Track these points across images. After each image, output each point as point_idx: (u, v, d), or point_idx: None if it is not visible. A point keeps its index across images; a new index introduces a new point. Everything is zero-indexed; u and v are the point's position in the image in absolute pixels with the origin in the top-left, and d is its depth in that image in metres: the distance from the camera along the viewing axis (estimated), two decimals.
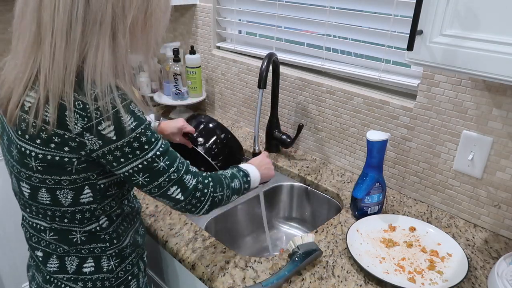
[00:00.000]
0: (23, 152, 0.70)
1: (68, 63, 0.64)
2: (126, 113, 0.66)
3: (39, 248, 0.81)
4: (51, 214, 0.76)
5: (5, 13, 1.86)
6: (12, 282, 1.71)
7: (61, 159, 0.68)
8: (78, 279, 0.80)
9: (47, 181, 0.71)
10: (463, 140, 1.05)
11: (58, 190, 0.72)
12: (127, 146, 0.67)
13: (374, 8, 1.21)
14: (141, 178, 0.71)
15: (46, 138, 0.67)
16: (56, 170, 0.70)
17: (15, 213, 1.62)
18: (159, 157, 0.71)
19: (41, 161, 0.69)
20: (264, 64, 1.21)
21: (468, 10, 0.69)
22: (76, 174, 0.70)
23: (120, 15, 0.66)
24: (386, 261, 0.93)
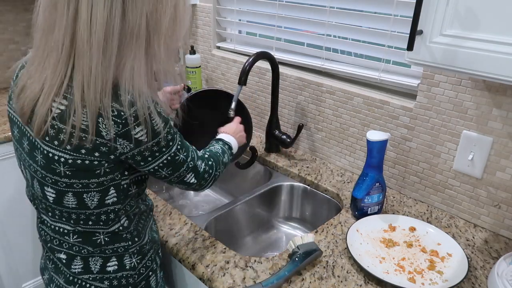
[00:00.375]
0: (50, 157, 0.70)
1: (105, 76, 0.66)
2: (157, 116, 0.70)
3: (61, 250, 0.81)
4: (76, 218, 0.76)
5: (5, 13, 1.86)
6: (12, 282, 1.71)
7: (91, 163, 0.69)
8: (103, 278, 0.82)
9: (74, 185, 0.72)
10: (463, 140, 1.05)
11: (85, 193, 0.73)
12: (155, 146, 0.72)
13: (374, 8, 1.21)
14: (165, 171, 0.77)
15: (77, 144, 0.67)
16: (85, 174, 0.71)
17: (16, 214, 1.62)
18: (179, 150, 0.78)
19: (70, 166, 0.70)
20: (248, 61, 1.22)
21: (468, 10, 0.69)
22: (104, 176, 0.72)
23: (154, 26, 0.68)
24: (386, 261, 0.93)
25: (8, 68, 1.96)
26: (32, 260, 1.73)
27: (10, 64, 2.20)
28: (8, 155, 1.53)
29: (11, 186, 1.57)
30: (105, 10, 0.63)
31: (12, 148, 1.52)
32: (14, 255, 1.67)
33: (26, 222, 1.65)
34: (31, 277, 1.76)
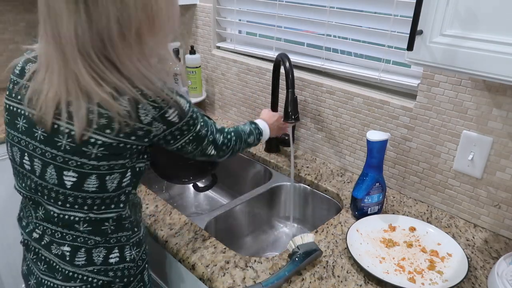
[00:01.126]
0: (84, 140, 0.72)
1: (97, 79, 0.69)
2: (180, 97, 0.76)
3: (65, 243, 0.80)
4: (91, 203, 0.77)
5: (5, 13, 1.86)
6: (12, 282, 1.71)
7: (124, 146, 0.73)
8: (107, 269, 0.82)
9: (101, 167, 0.74)
10: (463, 140, 1.05)
11: (108, 175, 0.75)
12: (185, 125, 0.79)
13: (374, 8, 1.21)
14: (190, 147, 0.84)
15: (118, 128, 0.71)
16: (115, 156, 0.74)
17: (15, 213, 1.62)
18: (203, 127, 0.84)
19: (105, 148, 0.72)
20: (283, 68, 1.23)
21: (468, 10, 0.69)
22: (129, 158, 0.76)
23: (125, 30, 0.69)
24: (386, 261, 0.93)
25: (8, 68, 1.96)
26: None
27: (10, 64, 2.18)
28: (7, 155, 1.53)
29: (11, 186, 1.57)
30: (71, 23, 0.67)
31: None
32: (14, 255, 1.67)
33: None
34: None
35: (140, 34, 0.71)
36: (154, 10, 0.72)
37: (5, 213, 1.59)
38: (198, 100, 1.73)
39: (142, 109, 0.71)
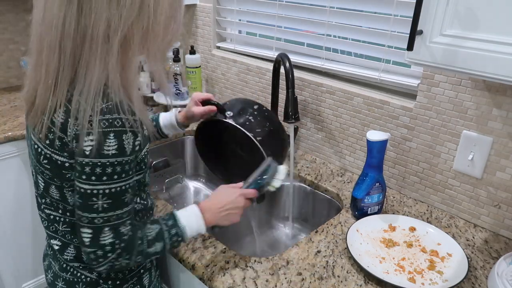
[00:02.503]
0: (36, 148, 0.74)
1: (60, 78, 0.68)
2: (114, 138, 0.66)
3: (56, 237, 0.83)
4: (63, 208, 0.78)
5: (5, 13, 1.86)
6: (12, 282, 1.71)
7: (62, 164, 0.71)
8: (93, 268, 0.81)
9: (54, 179, 0.74)
10: (463, 140, 1.05)
11: (65, 189, 0.75)
12: (89, 166, 0.67)
13: (374, 8, 1.21)
14: (76, 197, 0.70)
15: (52, 139, 0.70)
16: (59, 173, 0.72)
17: (16, 214, 1.62)
18: (103, 196, 0.69)
19: (48, 161, 0.72)
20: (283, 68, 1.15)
21: (468, 10, 0.69)
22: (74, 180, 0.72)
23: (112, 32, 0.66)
24: (386, 261, 0.93)
25: (8, 68, 1.97)
26: (32, 260, 1.73)
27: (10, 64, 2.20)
28: (8, 155, 1.53)
29: (11, 186, 1.57)
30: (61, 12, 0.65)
31: (12, 148, 1.52)
32: (14, 255, 1.67)
33: (26, 222, 1.65)
34: (31, 277, 1.76)
35: (127, 42, 0.69)
36: (151, 20, 0.69)
37: (5, 213, 1.59)
38: None
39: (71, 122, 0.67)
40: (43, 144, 0.72)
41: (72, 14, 0.65)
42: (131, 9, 0.66)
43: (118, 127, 0.67)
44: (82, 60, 0.67)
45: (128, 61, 0.71)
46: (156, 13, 0.69)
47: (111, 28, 0.66)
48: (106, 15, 0.65)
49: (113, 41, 0.66)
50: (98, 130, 0.65)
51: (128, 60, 0.71)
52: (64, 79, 0.68)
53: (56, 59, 0.67)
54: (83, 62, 0.67)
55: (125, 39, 0.68)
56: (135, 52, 0.71)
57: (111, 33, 0.66)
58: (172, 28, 0.74)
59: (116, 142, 0.67)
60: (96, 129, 0.65)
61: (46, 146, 0.71)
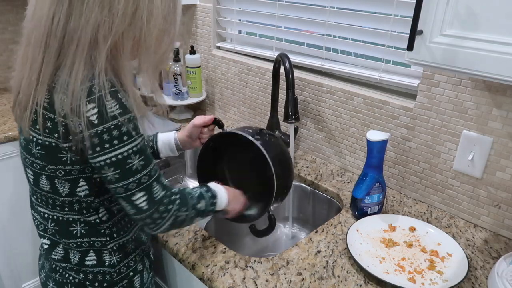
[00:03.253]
0: (27, 137, 0.74)
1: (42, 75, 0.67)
2: (111, 98, 0.65)
3: (45, 236, 0.83)
4: (52, 202, 0.78)
5: (5, 13, 1.86)
6: (12, 282, 1.71)
7: (57, 146, 0.70)
8: (80, 270, 0.82)
9: (46, 168, 0.73)
10: (463, 140, 1.05)
11: (56, 179, 0.74)
12: (106, 133, 0.66)
13: (374, 8, 1.21)
14: (111, 173, 0.68)
15: (42, 122, 0.69)
16: (52, 158, 0.71)
17: (16, 214, 1.62)
18: (136, 154, 0.69)
19: (40, 147, 0.72)
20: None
21: (468, 10, 0.69)
22: (70, 165, 0.71)
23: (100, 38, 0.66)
24: (386, 261, 0.93)
25: (8, 68, 1.97)
26: (32, 260, 1.73)
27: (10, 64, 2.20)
28: (8, 155, 1.53)
29: (11, 186, 1.57)
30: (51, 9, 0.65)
31: (12, 148, 1.52)
32: (14, 255, 1.67)
33: (26, 222, 1.65)
34: (31, 277, 1.76)
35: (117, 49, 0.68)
36: (144, 32, 0.69)
37: (5, 213, 1.59)
38: (198, 100, 1.73)
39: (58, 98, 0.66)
40: (34, 131, 0.71)
41: (62, 14, 0.65)
42: (122, 18, 0.66)
43: (110, 88, 0.66)
44: (67, 59, 0.66)
45: (120, 67, 0.70)
46: (149, 24, 0.69)
47: (100, 34, 0.65)
48: (96, 20, 0.65)
49: (102, 46, 0.66)
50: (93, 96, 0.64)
51: (120, 66, 0.70)
52: (46, 74, 0.68)
53: (41, 56, 0.67)
54: (68, 61, 0.66)
55: (115, 46, 0.68)
56: (126, 60, 0.70)
57: (100, 38, 0.66)
58: (165, 42, 0.74)
59: (116, 101, 0.66)
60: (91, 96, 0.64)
61: (37, 131, 0.70)
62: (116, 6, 0.65)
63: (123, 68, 0.70)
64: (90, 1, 0.64)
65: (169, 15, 0.72)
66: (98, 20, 0.65)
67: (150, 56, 0.73)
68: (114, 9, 0.65)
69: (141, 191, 0.70)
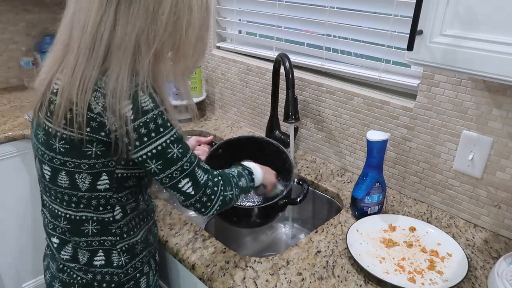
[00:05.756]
0: (49, 133, 0.74)
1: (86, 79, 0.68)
2: (144, 94, 0.68)
3: (55, 234, 0.83)
4: (68, 199, 0.78)
5: (5, 13, 1.86)
6: (12, 282, 1.71)
7: (82, 140, 0.71)
8: (88, 270, 0.82)
9: (67, 163, 0.74)
10: (463, 140, 1.05)
11: (77, 173, 0.74)
12: (143, 127, 0.68)
13: (374, 8, 1.21)
14: (154, 165, 0.71)
15: (70, 118, 0.69)
16: (77, 152, 0.72)
17: (16, 214, 1.62)
18: (173, 143, 0.72)
19: (64, 141, 0.72)
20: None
21: (468, 10, 0.69)
22: (95, 159, 0.73)
23: (144, 45, 0.68)
24: (386, 261, 0.93)
25: (8, 68, 1.97)
26: (32, 260, 1.73)
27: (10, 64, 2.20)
28: (8, 155, 1.53)
29: (11, 186, 1.57)
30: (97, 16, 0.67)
31: (12, 148, 1.53)
32: (14, 255, 1.67)
33: (26, 222, 1.66)
34: (31, 277, 1.76)
35: (157, 57, 0.71)
36: (183, 39, 0.72)
37: (5, 213, 1.59)
38: (198, 100, 1.73)
39: (93, 96, 0.68)
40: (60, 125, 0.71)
41: (108, 21, 0.66)
42: (165, 27, 0.69)
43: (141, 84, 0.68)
44: (113, 66, 0.68)
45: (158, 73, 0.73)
46: (188, 33, 0.72)
47: (144, 41, 0.68)
48: (142, 28, 0.67)
49: (145, 53, 0.69)
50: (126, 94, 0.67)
51: (158, 72, 0.73)
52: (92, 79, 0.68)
53: (84, 62, 0.68)
54: (114, 67, 0.68)
55: (155, 54, 0.71)
56: (164, 68, 0.74)
57: (143, 46, 0.68)
58: (199, 48, 0.78)
59: (148, 96, 0.69)
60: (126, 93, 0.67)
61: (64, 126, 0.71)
62: (160, 16, 0.68)
63: (161, 74, 0.74)
64: (135, 10, 0.66)
65: (204, 24, 0.76)
66: (143, 29, 0.67)
67: (186, 62, 0.77)
68: (158, 18, 0.68)
69: (186, 178, 0.74)
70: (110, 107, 0.67)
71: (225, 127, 1.68)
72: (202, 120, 1.75)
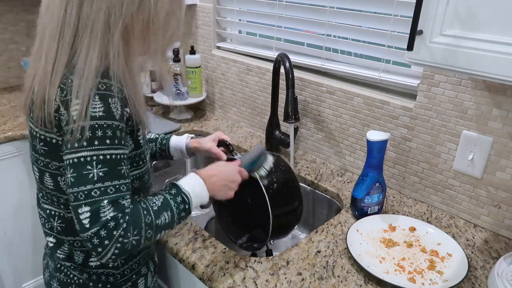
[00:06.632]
0: (32, 134, 0.74)
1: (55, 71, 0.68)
2: (100, 99, 0.65)
3: (51, 234, 0.83)
4: (57, 200, 0.78)
5: (5, 14, 1.86)
6: (12, 282, 1.71)
7: (57, 142, 0.70)
8: (84, 270, 0.82)
9: (49, 165, 0.74)
10: (463, 140, 1.05)
11: (59, 176, 0.74)
12: (80, 131, 0.64)
13: (374, 8, 1.21)
14: (69, 175, 0.65)
15: (43, 118, 0.69)
16: (55, 155, 0.72)
17: (16, 213, 1.62)
18: (98, 163, 0.64)
19: (44, 143, 0.72)
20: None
21: (468, 10, 0.69)
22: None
23: (112, 23, 0.67)
24: (386, 261, 0.93)
25: (8, 68, 1.97)
26: (32, 260, 1.73)
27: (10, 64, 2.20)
28: (8, 155, 1.53)
29: (11, 186, 1.57)
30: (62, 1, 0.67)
31: (12, 148, 1.52)
32: (14, 255, 1.67)
33: (26, 222, 1.65)
34: (31, 277, 1.76)
35: (128, 34, 0.70)
36: (152, 14, 0.70)
37: (5, 213, 1.59)
38: (198, 100, 1.73)
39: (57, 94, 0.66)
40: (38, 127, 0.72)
41: (74, 2, 0.66)
42: (131, 1, 0.68)
43: (103, 90, 0.66)
44: (82, 47, 0.67)
45: (129, 56, 0.72)
46: (157, 6, 0.70)
47: (112, 18, 0.67)
48: (107, 5, 0.66)
49: (114, 31, 0.68)
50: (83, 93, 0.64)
51: (130, 55, 0.72)
52: (61, 64, 0.68)
53: (55, 46, 0.68)
54: (83, 48, 0.67)
55: (125, 30, 0.69)
56: (136, 46, 0.72)
57: (112, 23, 0.67)
58: (172, 25, 0.75)
59: (102, 104, 0.65)
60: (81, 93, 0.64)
61: (41, 127, 0.71)
62: None
63: (132, 54, 0.72)
64: None
65: None
66: (109, 5, 0.66)
67: (158, 39, 0.74)
68: None
69: (87, 205, 0.63)
70: (65, 102, 0.65)
71: (225, 127, 1.68)
72: (202, 120, 1.75)
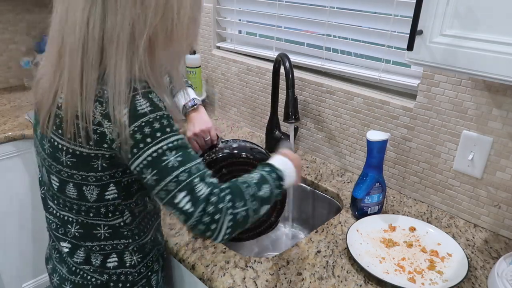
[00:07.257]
0: (55, 146, 0.72)
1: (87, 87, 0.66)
2: (141, 97, 0.65)
3: (66, 239, 0.82)
4: (77, 208, 0.77)
5: (5, 13, 1.86)
6: (12, 282, 1.71)
7: (88, 155, 0.69)
8: (103, 272, 0.83)
9: (75, 176, 0.73)
10: (463, 140, 1.05)
11: (84, 186, 0.73)
12: (138, 132, 0.64)
13: (374, 8, 1.21)
14: (149, 175, 0.65)
15: (75, 132, 0.68)
16: (84, 166, 0.71)
17: (16, 213, 1.62)
18: (171, 150, 0.65)
19: (71, 155, 0.71)
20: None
21: (468, 10, 0.69)
22: (102, 172, 0.71)
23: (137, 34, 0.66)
24: (386, 261, 0.93)
25: (8, 68, 1.97)
26: (32, 260, 1.73)
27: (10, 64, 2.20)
28: (8, 155, 1.53)
29: (11, 186, 1.57)
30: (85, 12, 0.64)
31: (12, 148, 1.53)
32: (14, 255, 1.67)
33: (26, 222, 1.66)
34: (31, 277, 1.76)
35: (151, 44, 0.69)
36: (175, 22, 0.69)
37: (5, 213, 1.59)
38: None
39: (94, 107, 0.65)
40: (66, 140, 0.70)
41: (97, 15, 0.64)
42: (155, 11, 0.66)
43: (141, 89, 0.66)
44: (109, 61, 0.65)
45: (154, 64, 0.70)
46: (179, 14, 0.69)
47: (136, 29, 0.65)
48: (131, 16, 0.65)
49: (139, 42, 0.66)
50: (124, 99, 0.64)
51: (154, 62, 0.70)
52: (91, 80, 0.66)
53: (79, 63, 0.66)
54: (111, 62, 0.65)
55: (149, 40, 0.68)
56: (160, 54, 0.71)
57: (137, 34, 0.66)
58: (192, 30, 0.75)
59: (146, 100, 0.65)
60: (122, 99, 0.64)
61: (69, 140, 0.70)
62: (148, 0, 0.65)
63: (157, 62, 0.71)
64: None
65: (195, 4, 0.73)
66: (133, 16, 0.65)
67: (180, 46, 0.74)
68: (146, 3, 0.65)
69: (182, 191, 0.64)
70: (108, 114, 0.65)
71: (225, 127, 1.68)
72: None
